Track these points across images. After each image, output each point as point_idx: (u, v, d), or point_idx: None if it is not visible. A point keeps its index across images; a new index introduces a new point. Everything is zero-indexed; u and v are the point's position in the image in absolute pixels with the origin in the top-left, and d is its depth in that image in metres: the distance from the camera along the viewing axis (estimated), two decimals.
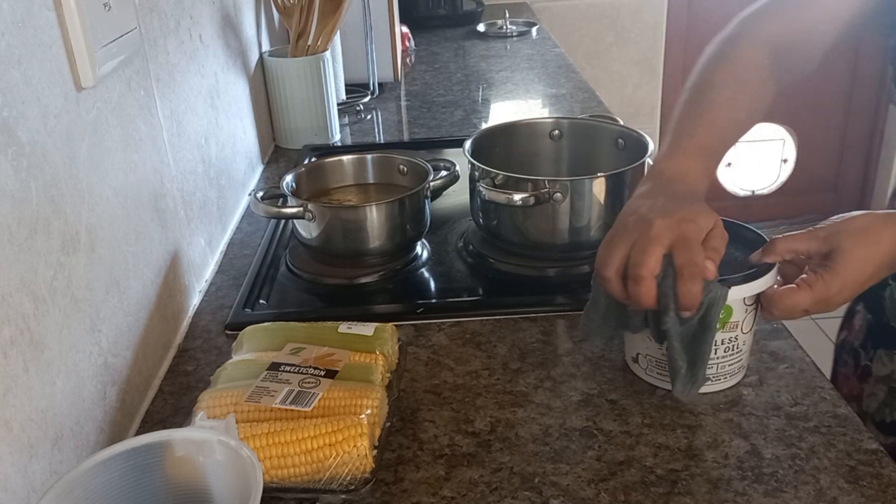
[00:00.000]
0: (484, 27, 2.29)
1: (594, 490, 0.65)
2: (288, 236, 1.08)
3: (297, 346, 0.75)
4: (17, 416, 0.56)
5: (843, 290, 0.68)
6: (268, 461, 0.63)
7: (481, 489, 0.65)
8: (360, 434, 0.63)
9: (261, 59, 1.40)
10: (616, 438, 0.70)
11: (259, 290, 0.96)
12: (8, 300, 0.56)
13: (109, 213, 0.74)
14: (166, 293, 0.87)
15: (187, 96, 0.99)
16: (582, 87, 1.73)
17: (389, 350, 0.77)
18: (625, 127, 1.07)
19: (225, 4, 1.19)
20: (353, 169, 1.09)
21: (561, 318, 0.88)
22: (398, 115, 1.65)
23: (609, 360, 0.81)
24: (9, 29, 0.58)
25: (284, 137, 1.44)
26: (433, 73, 1.90)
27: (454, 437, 0.71)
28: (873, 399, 0.89)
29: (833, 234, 0.69)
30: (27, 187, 0.59)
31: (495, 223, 0.99)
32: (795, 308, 0.69)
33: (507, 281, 0.97)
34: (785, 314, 0.70)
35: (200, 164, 1.02)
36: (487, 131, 1.10)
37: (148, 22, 0.87)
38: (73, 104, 0.68)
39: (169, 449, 0.54)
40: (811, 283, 0.68)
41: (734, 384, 0.76)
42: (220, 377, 0.73)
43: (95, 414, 0.69)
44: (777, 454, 0.67)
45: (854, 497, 0.63)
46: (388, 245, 0.97)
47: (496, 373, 0.80)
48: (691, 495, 0.64)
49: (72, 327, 0.65)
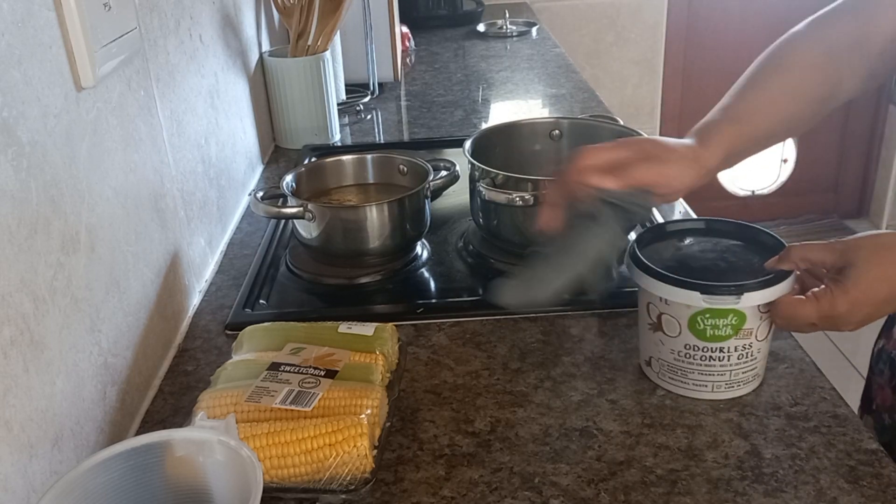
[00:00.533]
0: (484, 27, 2.29)
1: (594, 490, 0.65)
2: (288, 236, 1.08)
3: (297, 346, 0.75)
4: (17, 416, 0.56)
5: (852, 309, 0.65)
6: (268, 461, 0.63)
7: (481, 489, 0.65)
8: (360, 434, 0.63)
9: (261, 59, 1.40)
10: (616, 438, 0.70)
11: (259, 290, 0.96)
12: (8, 300, 0.56)
13: (109, 213, 0.74)
14: (166, 293, 0.87)
15: (187, 96, 0.99)
16: (582, 87, 1.73)
17: (389, 350, 0.77)
18: (625, 127, 1.07)
19: (225, 4, 1.19)
20: (353, 169, 1.09)
21: (561, 318, 0.88)
22: (398, 115, 1.65)
23: (609, 360, 0.81)
24: (9, 29, 0.58)
25: (284, 137, 1.44)
26: (433, 73, 1.90)
27: (454, 437, 0.71)
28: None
29: (850, 249, 0.66)
30: (27, 187, 0.59)
31: (495, 223, 0.99)
32: (797, 318, 0.67)
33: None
34: (786, 324, 0.69)
35: (200, 164, 1.02)
36: (487, 131, 1.10)
37: (148, 22, 0.87)
38: (73, 104, 0.68)
39: (169, 449, 0.54)
40: (818, 297, 0.66)
41: (748, 392, 0.75)
42: (220, 377, 0.73)
43: (95, 414, 0.69)
44: (777, 454, 0.67)
45: (854, 497, 0.63)
46: (388, 245, 0.97)
47: (496, 373, 0.80)
48: (691, 495, 0.64)
49: (72, 327, 0.65)
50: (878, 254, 0.65)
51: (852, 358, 2.36)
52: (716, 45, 2.87)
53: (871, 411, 0.90)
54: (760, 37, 3.44)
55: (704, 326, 0.70)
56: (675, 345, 0.72)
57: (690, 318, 0.70)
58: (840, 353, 2.40)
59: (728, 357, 0.71)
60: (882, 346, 0.90)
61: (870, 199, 3.12)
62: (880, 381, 0.89)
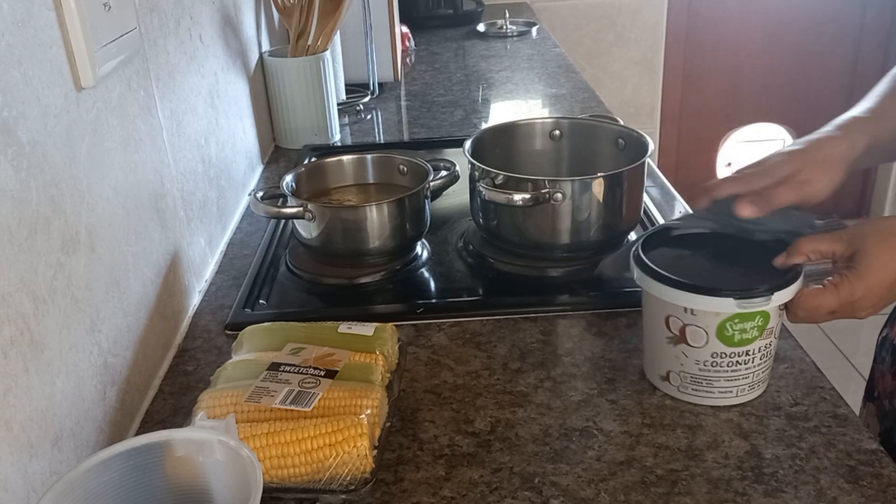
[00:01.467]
0: (484, 27, 2.29)
1: (594, 490, 0.65)
2: (288, 236, 1.08)
3: (297, 346, 0.75)
4: (17, 416, 0.56)
5: (867, 293, 0.66)
6: (268, 461, 0.63)
7: (481, 489, 0.65)
8: (360, 434, 0.63)
9: (261, 59, 1.40)
10: (616, 438, 0.70)
11: (259, 290, 0.96)
12: (8, 300, 0.56)
13: (109, 213, 0.74)
14: (166, 293, 0.87)
15: (187, 96, 0.99)
16: (582, 87, 1.73)
17: (389, 350, 0.77)
18: (625, 127, 1.07)
19: (225, 4, 1.19)
20: (353, 169, 1.09)
21: (561, 318, 0.88)
22: (398, 115, 1.65)
23: (609, 360, 0.81)
24: (9, 29, 0.58)
25: (284, 137, 1.44)
26: (433, 73, 1.90)
27: (454, 437, 0.71)
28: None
29: (856, 236, 0.68)
30: (27, 187, 0.59)
31: (495, 223, 0.99)
32: (820, 309, 0.68)
33: (507, 281, 0.97)
34: (809, 315, 0.69)
35: (200, 164, 1.02)
36: (487, 131, 1.10)
37: (148, 22, 0.87)
38: (73, 104, 0.68)
39: (169, 449, 0.54)
40: (837, 284, 0.67)
41: (764, 390, 0.74)
42: (220, 377, 0.73)
43: (95, 414, 0.69)
44: (777, 454, 0.67)
45: (854, 497, 0.63)
46: (388, 245, 0.97)
47: (496, 373, 0.80)
48: (691, 495, 0.64)
49: (72, 327, 0.65)
50: (883, 238, 0.67)
51: (852, 358, 2.36)
52: (716, 45, 2.87)
53: (873, 399, 0.91)
54: (760, 37, 3.43)
55: (733, 332, 0.68)
56: (701, 355, 0.70)
57: (719, 326, 0.68)
58: (840, 353, 2.40)
59: (752, 360, 0.70)
60: (885, 334, 0.92)
61: (870, 199, 3.11)
62: (882, 369, 0.90)
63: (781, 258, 0.71)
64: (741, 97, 2.98)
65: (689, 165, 3.04)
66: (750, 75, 2.90)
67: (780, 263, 0.70)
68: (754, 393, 0.73)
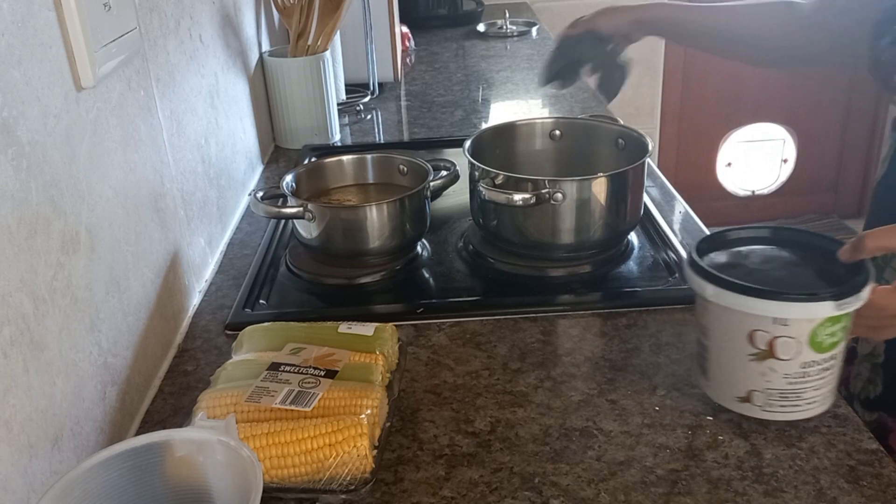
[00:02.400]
0: (484, 27, 2.29)
1: (594, 490, 0.65)
2: (288, 236, 1.08)
3: (297, 346, 0.75)
4: (17, 416, 0.56)
5: None
6: (268, 461, 0.63)
7: (481, 489, 0.65)
8: (360, 434, 0.63)
9: (261, 59, 1.40)
10: (616, 438, 0.70)
11: (259, 290, 0.96)
12: (8, 300, 0.56)
13: (109, 213, 0.74)
14: (166, 293, 0.87)
15: (187, 96, 0.99)
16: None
17: (389, 350, 0.77)
18: (625, 127, 1.07)
19: (225, 4, 1.19)
20: (353, 169, 1.09)
21: (561, 318, 0.88)
22: (398, 115, 1.65)
23: (609, 360, 0.81)
24: (9, 29, 0.58)
25: (284, 137, 1.44)
26: (433, 73, 1.90)
27: (454, 437, 0.71)
28: (859, 379, 0.89)
29: None
30: (27, 187, 0.59)
31: (495, 223, 0.99)
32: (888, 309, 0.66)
33: (507, 281, 0.97)
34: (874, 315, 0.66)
35: (200, 164, 1.02)
36: (487, 131, 1.10)
37: (148, 22, 0.87)
38: (73, 104, 0.68)
39: (169, 449, 0.54)
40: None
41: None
42: (220, 377, 0.73)
43: (95, 414, 0.69)
44: (777, 454, 0.67)
45: (854, 497, 0.63)
46: (388, 245, 0.97)
47: (496, 373, 0.80)
48: (691, 495, 0.64)
49: (72, 327, 0.65)
50: None
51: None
52: None
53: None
54: None
55: (823, 337, 0.64)
56: (790, 367, 0.66)
57: (811, 333, 0.64)
58: None
59: (836, 364, 0.67)
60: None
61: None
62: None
63: (846, 252, 0.67)
64: (741, 97, 2.98)
65: (689, 165, 3.04)
66: (750, 75, 2.90)
67: (845, 258, 0.66)
68: (831, 398, 0.70)
